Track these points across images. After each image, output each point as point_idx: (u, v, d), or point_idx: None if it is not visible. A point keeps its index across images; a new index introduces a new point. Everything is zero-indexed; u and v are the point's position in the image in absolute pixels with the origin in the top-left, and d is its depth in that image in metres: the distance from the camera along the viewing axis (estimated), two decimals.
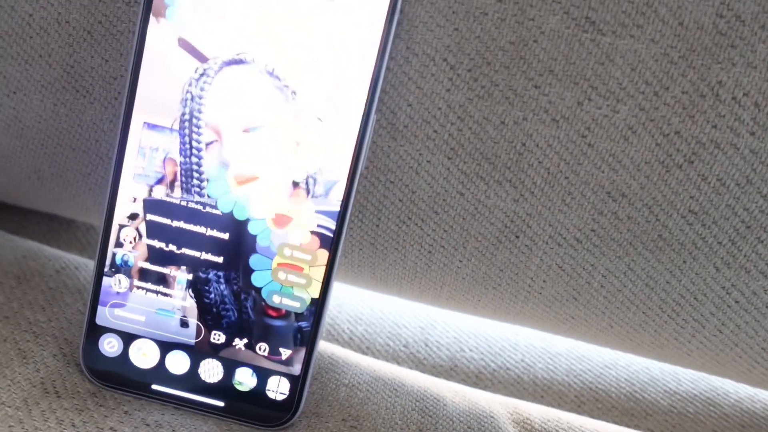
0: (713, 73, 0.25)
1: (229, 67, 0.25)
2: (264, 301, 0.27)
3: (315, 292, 0.27)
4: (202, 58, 0.26)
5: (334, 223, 0.27)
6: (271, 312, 0.27)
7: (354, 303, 0.41)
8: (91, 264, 0.36)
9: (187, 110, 0.26)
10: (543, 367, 0.39)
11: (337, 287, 0.41)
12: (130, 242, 0.27)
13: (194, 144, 0.26)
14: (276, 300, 0.27)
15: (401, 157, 0.28)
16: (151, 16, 0.25)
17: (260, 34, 0.25)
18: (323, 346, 0.34)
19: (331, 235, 0.27)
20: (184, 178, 0.26)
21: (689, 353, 0.33)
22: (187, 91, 0.26)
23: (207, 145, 0.26)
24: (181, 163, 0.26)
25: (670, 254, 0.28)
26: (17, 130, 0.32)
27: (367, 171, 0.29)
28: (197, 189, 0.27)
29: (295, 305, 0.27)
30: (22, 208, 0.41)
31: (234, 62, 0.25)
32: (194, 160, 0.26)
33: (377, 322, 0.40)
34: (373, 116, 0.26)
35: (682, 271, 0.29)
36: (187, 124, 0.26)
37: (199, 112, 0.26)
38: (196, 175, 0.26)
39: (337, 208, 0.27)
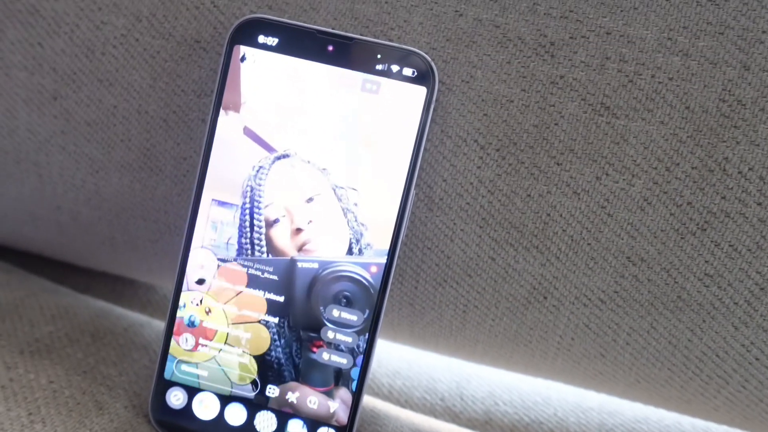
0: (719, 151, 0.28)
1: (279, 161, 0.29)
2: (315, 358, 0.30)
3: (361, 348, 0.30)
4: (265, 146, 0.29)
5: (379, 284, 0.30)
6: (321, 369, 0.30)
7: (392, 358, 0.44)
8: (154, 322, 0.39)
9: (248, 198, 0.30)
10: (575, 421, 0.41)
11: (377, 344, 0.44)
12: (197, 305, 0.31)
13: (256, 223, 0.30)
14: (326, 357, 0.30)
15: (437, 227, 0.31)
16: (221, 109, 0.30)
17: (311, 126, 0.29)
18: (365, 399, 0.37)
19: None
20: (249, 249, 0.30)
21: (716, 409, 0.34)
22: (247, 184, 0.29)
23: (273, 221, 0.30)
24: (239, 240, 0.30)
25: (689, 314, 0.30)
26: (97, 203, 0.36)
27: (407, 239, 0.32)
28: (261, 257, 0.30)
29: (342, 362, 0.30)
30: (90, 269, 0.45)
31: (283, 156, 0.29)
32: (256, 236, 0.30)
33: (414, 377, 0.42)
34: (412, 191, 0.29)
35: (703, 329, 0.31)
36: (247, 207, 0.30)
37: (260, 197, 0.30)
38: (257, 249, 0.30)
39: (382, 272, 0.30)
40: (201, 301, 0.31)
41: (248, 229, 0.30)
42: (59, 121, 0.34)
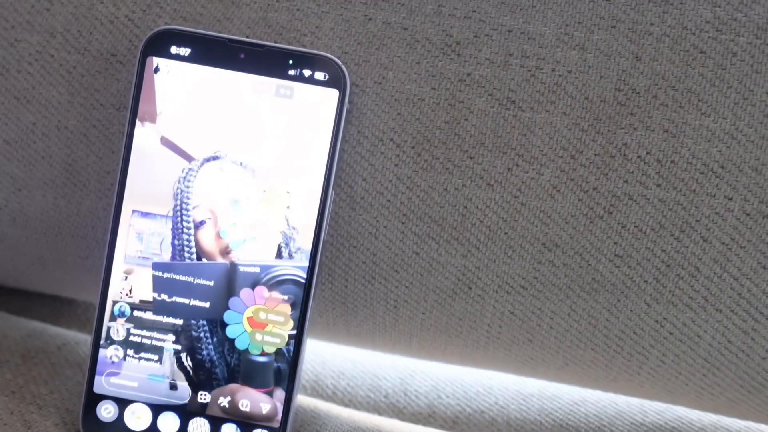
0: (618, 137, 0.29)
1: (208, 163, 0.30)
2: (243, 359, 0.31)
3: (290, 348, 0.31)
4: (183, 155, 0.30)
5: (303, 286, 0.30)
6: (253, 369, 0.31)
7: (337, 359, 0.44)
8: (89, 339, 0.39)
9: (178, 201, 0.30)
10: (516, 408, 0.42)
11: (320, 345, 0.44)
12: (122, 316, 0.31)
13: (185, 225, 0.30)
14: (255, 352, 0.31)
15: (361, 225, 0.32)
16: (137, 120, 0.30)
17: (229, 133, 0.30)
18: (306, 401, 0.37)
19: (301, 295, 0.30)
20: (177, 256, 0.30)
21: (641, 385, 0.36)
22: (177, 186, 0.30)
23: (199, 223, 0.30)
24: (173, 242, 0.30)
25: (604, 294, 0.32)
26: (22, 222, 0.36)
27: (332, 239, 0.32)
28: (187, 264, 0.30)
29: (270, 358, 0.31)
30: (27, 291, 0.44)
31: (212, 158, 0.30)
32: (185, 238, 0.30)
33: (359, 376, 0.43)
34: (331, 192, 0.30)
35: (618, 308, 0.32)
36: (178, 210, 0.30)
37: (188, 199, 0.30)
38: (186, 252, 0.30)
39: (304, 275, 0.30)
40: (129, 310, 0.31)
41: (179, 232, 0.30)
42: None
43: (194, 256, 0.30)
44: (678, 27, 0.29)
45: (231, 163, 0.30)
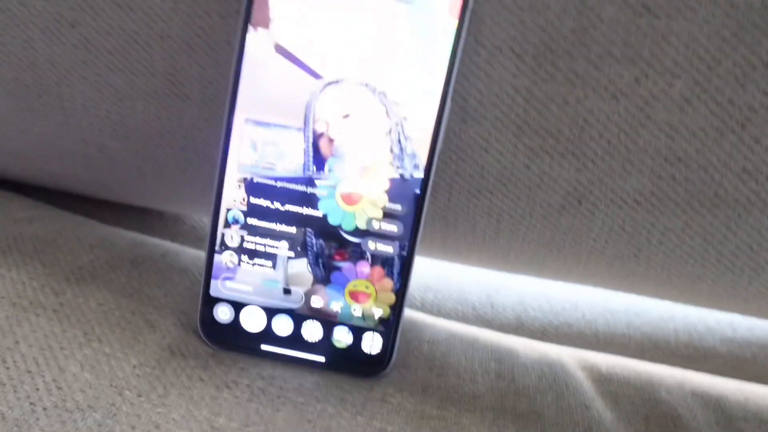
0: (763, 47, 0.27)
1: (331, 86, 0.29)
2: (357, 261, 0.31)
3: (404, 250, 0.31)
4: (298, 62, 0.29)
5: (417, 195, 0.30)
6: (363, 276, 0.31)
7: (422, 272, 0.45)
8: (188, 249, 0.40)
9: (303, 114, 0.29)
10: (603, 322, 0.42)
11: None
12: (236, 223, 0.31)
13: (309, 135, 0.29)
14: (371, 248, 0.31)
15: (471, 138, 0.31)
16: (249, 25, 0.29)
17: (345, 39, 0.28)
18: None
19: (415, 202, 0.30)
20: (290, 164, 0.30)
21: (746, 300, 0.35)
22: (308, 99, 0.29)
23: (319, 135, 0.30)
24: (288, 151, 0.30)
25: (725, 210, 0.31)
26: (123, 134, 0.35)
27: (440, 151, 0.32)
28: (303, 172, 0.30)
29: (389, 250, 0.31)
30: (119, 204, 0.45)
31: (334, 82, 0.29)
32: (309, 145, 0.30)
33: (445, 289, 0.44)
34: (449, 102, 0.29)
35: (738, 224, 0.31)
36: (301, 122, 0.29)
37: (313, 110, 0.29)
38: (307, 159, 0.30)
39: (419, 185, 0.30)
40: (243, 217, 0.31)
41: (307, 145, 0.30)
42: (79, 50, 0.33)
43: (312, 163, 0.30)
44: None
45: (351, 81, 0.29)
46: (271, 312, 0.32)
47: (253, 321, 0.32)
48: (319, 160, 0.30)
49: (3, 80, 0.35)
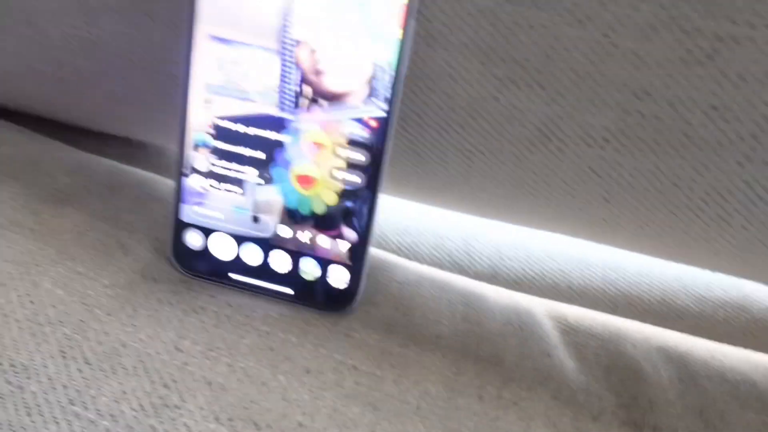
0: None
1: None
2: (317, 202, 0.31)
3: (366, 191, 0.31)
4: None
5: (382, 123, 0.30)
6: (330, 208, 0.31)
7: (401, 216, 0.44)
8: (166, 180, 0.40)
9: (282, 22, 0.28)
10: (579, 275, 0.42)
11: (384, 201, 0.45)
12: (204, 146, 0.31)
13: (287, 43, 0.29)
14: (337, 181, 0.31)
15: (438, 64, 0.31)
16: None
17: None
18: (376, 252, 0.38)
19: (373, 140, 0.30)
20: (268, 88, 0.30)
21: (717, 252, 0.35)
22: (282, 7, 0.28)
23: (297, 42, 0.29)
24: (257, 73, 0.30)
25: (694, 151, 0.30)
26: (92, 52, 0.36)
27: (408, 80, 0.31)
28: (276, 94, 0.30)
29: (356, 180, 0.31)
30: (102, 133, 0.46)
31: None
32: (287, 56, 0.29)
33: (422, 234, 0.44)
34: (412, 23, 0.29)
35: (707, 167, 0.30)
36: (271, 41, 0.29)
37: (288, 21, 0.28)
38: (286, 70, 0.29)
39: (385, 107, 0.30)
40: (211, 139, 0.31)
41: (282, 53, 0.29)
42: None
43: (292, 77, 0.29)
44: None
45: None
46: (240, 240, 0.32)
47: (222, 249, 0.32)
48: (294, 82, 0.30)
49: None
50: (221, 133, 0.31)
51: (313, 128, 0.30)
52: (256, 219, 0.32)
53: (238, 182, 0.31)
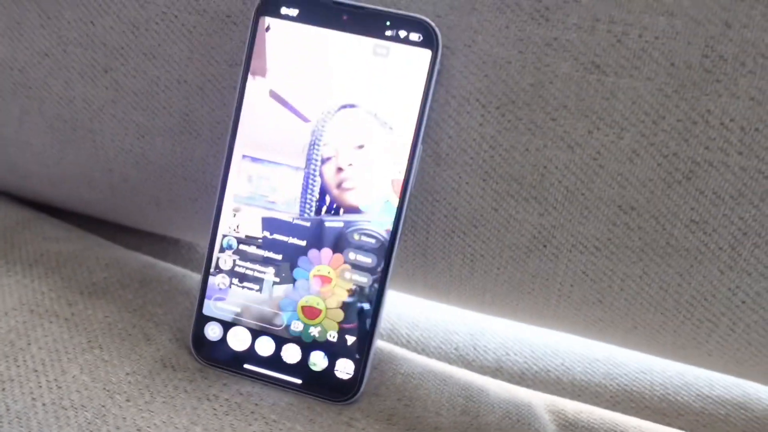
0: (702, 104, 0.30)
1: (340, 111, 0.33)
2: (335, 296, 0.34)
3: (374, 289, 0.34)
4: (289, 107, 0.33)
5: (390, 232, 0.33)
6: (340, 304, 0.34)
7: (412, 311, 0.47)
8: (194, 275, 0.44)
9: (313, 139, 0.33)
10: (581, 370, 0.43)
11: (396, 297, 0.47)
12: (229, 249, 0.35)
13: (314, 159, 0.33)
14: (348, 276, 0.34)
15: (444, 180, 0.34)
16: (249, 74, 0.33)
17: (329, 88, 0.33)
18: (383, 345, 0.40)
19: (380, 247, 0.33)
20: (291, 198, 0.34)
21: (709, 353, 0.36)
22: (313, 131, 0.33)
23: (326, 159, 0.33)
24: (281, 186, 0.33)
25: (678, 259, 0.33)
26: (143, 165, 0.40)
27: (417, 192, 0.35)
28: (301, 206, 0.34)
29: (363, 280, 0.34)
30: (139, 230, 0.49)
31: (348, 105, 0.33)
32: (312, 169, 0.33)
33: (431, 328, 0.46)
34: (420, 146, 0.32)
35: (691, 274, 0.33)
36: (305, 155, 0.33)
37: (320, 138, 0.33)
38: (311, 183, 0.33)
39: (382, 230, 0.33)
40: (236, 243, 0.35)
41: (310, 165, 0.33)
42: (110, 91, 0.38)
43: (316, 189, 0.33)
44: None
45: (365, 112, 0.32)
46: (255, 333, 0.35)
47: (238, 340, 0.35)
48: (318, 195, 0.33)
49: (45, 115, 0.41)
50: (246, 238, 0.34)
51: (330, 234, 0.33)
52: (270, 314, 0.34)
53: (257, 281, 0.34)
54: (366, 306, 0.34)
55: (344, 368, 0.34)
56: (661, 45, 0.30)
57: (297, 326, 0.34)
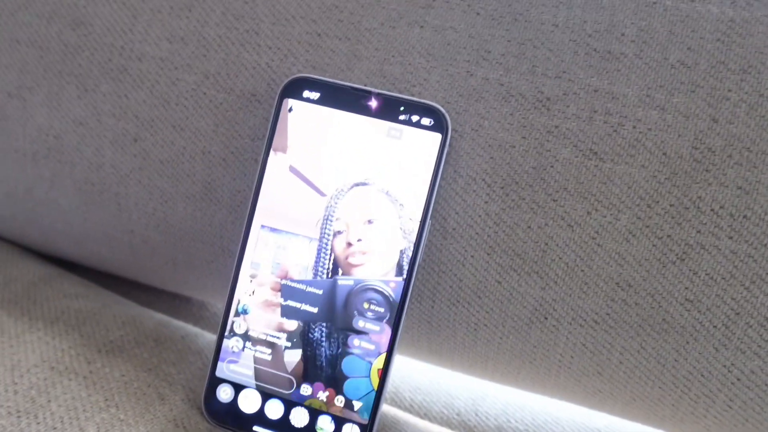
0: (693, 191, 0.32)
1: (352, 189, 0.35)
2: (342, 364, 0.35)
3: (381, 358, 0.35)
4: (306, 181, 0.35)
5: (399, 297, 0.35)
6: (347, 373, 0.35)
7: (415, 375, 0.48)
8: (206, 333, 0.45)
9: (327, 213, 0.35)
10: None
11: (400, 361, 0.49)
12: (244, 313, 0.36)
13: (326, 233, 0.35)
14: (356, 348, 0.35)
15: (451, 253, 0.36)
16: (271, 149, 0.36)
17: (344, 166, 0.35)
18: (388, 409, 0.41)
19: (387, 307, 0.35)
20: (296, 266, 0.36)
21: (708, 428, 0.37)
22: (327, 206, 0.35)
23: (337, 233, 0.35)
24: (296, 255, 0.35)
25: (674, 336, 0.34)
26: (164, 228, 0.42)
27: (424, 263, 0.37)
28: (313, 274, 0.36)
29: (370, 348, 0.35)
30: (152, 287, 0.51)
31: (361, 183, 0.35)
32: (324, 243, 0.35)
33: (434, 393, 0.47)
34: (429, 221, 0.34)
35: (687, 350, 0.34)
36: (319, 228, 0.35)
37: (333, 213, 0.35)
38: (323, 255, 0.35)
39: (401, 286, 0.35)
40: (250, 308, 0.36)
41: (322, 239, 0.35)
42: (138, 159, 0.41)
43: (329, 261, 0.35)
44: (754, 94, 0.32)
45: (376, 189, 0.35)
46: (265, 396, 0.36)
47: (249, 403, 0.36)
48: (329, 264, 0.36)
49: (75, 178, 0.43)
50: (261, 303, 0.36)
51: (341, 296, 0.35)
52: (281, 378, 0.36)
53: (269, 345, 0.36)
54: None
55: None
56: (654, 136, 0.33)
57: (306, 390, 0.36)
